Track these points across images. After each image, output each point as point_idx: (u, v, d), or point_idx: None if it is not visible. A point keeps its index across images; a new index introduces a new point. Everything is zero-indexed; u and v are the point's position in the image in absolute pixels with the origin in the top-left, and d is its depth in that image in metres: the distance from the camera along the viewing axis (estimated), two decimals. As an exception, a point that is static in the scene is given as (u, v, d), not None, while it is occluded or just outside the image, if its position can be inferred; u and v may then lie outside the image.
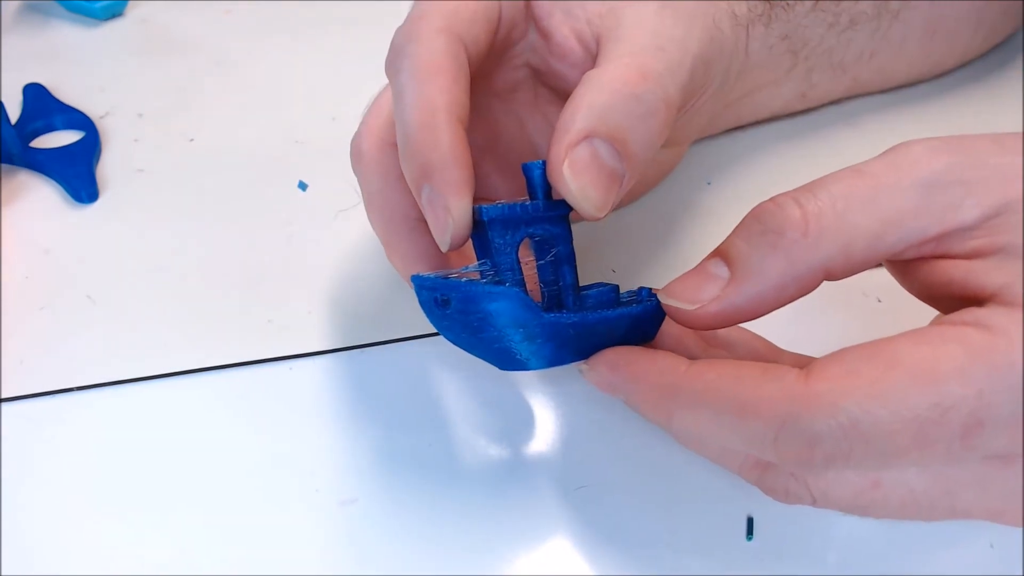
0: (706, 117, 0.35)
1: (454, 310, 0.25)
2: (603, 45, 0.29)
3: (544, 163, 0.27)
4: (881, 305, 0.33)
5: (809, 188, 0.24)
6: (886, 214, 0.23)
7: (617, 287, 0.27)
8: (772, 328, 0.33)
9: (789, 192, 0.24)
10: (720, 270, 0.25)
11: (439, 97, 0.26)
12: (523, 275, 0.26)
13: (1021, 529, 0.26)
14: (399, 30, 0.29)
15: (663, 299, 0.26)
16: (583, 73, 0.30)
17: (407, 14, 0.29)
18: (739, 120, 0.40)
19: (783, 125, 0.41)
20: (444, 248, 0.27)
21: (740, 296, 0.24)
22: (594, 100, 0.26)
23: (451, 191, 0.26)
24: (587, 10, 0.30)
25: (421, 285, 0.26)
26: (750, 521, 0.28)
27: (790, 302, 0.25)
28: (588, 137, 0.26)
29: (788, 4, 0.36)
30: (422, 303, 0.26)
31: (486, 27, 0.29)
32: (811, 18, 0.37)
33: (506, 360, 0.27)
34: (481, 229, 0.26)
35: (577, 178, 0.26)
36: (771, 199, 0.25)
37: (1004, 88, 0.43)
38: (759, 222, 0.24)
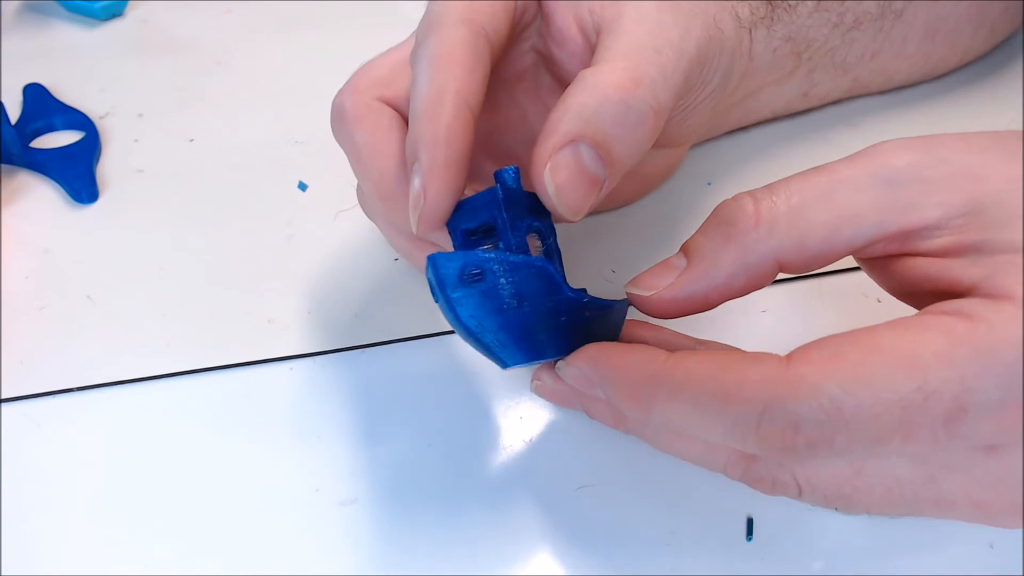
0: (705, 116, 0.35)
1: (488, 285, 0.25)
2: (601, 38, 0.29)
3: (515, 169, 0.27)
4: (881, 305, 0.33)
5: (770, 186, 0.25)
6: (842, 208, 0.24)
7: (585, 290, 0.28)
8: (771, 328, 0.33)
9: (751, 190, 0.25)
10: (680, 261, 0.26)
11: (451, 83, 0.26)
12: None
13: (1021, 530, 0.26)
14: (422, 22, 0.29)
15: (627, 289, 0.27)
16: (581, 63, 0.30)
17: (427, 7, 0.29)
18: (741, 121, 0.40)
19: (784, 126, 0.41)
20: (414, 228, 0.27)
21: (693, 283, 0.25)
22: (584, 102, 0.27)
23: (431, 172, 0.26)
24: (591, 0, 0.30)
25: (448, 260, 0.25)
26: (750, 521, 0.28)
27: (745, 292, 0.25)
28: (574, 141, 0.26)
29: (790, 5, 0.36)
30: (444, 280, 0.25)
31: (506, 17, 0.29)
32: (814, 18, 0.37)
33: (519, 347, 0.26)
34: (467, 218, 0.26)
35: (557, 182, 0.26)
36: (733, 196, 0.25)
37: (1004, 88, 0.43)
38: (716, 216, 0.25)
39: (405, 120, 0.29)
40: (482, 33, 0.28)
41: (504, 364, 0.27)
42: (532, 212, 0.27)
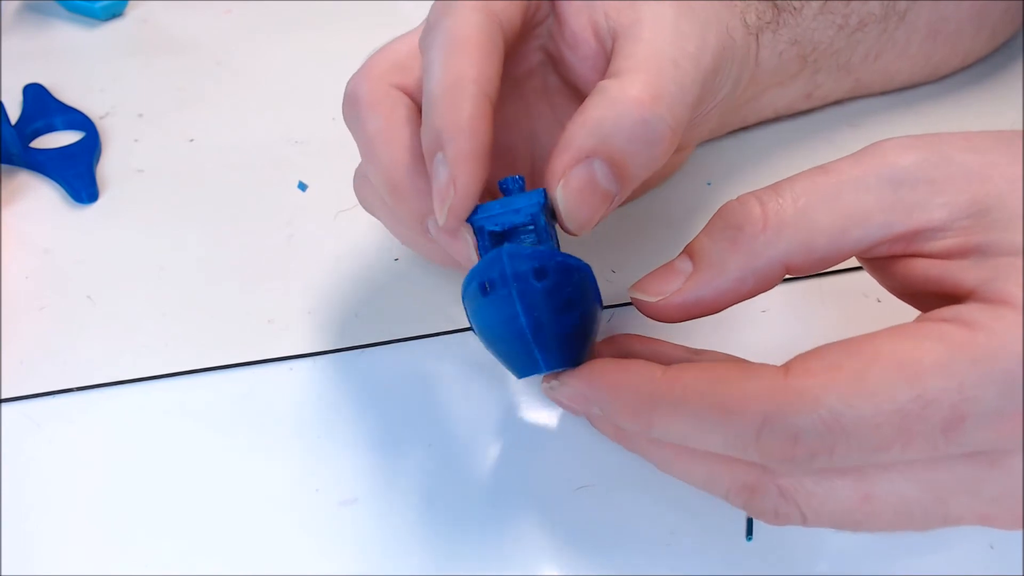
0: (713, 122, 0.35)
1: (551, 284, 0.25)
2: (618, 44, 0.29)
3: (522, 178, 0.27)
4: (881, 305, 0.33)
5: (775, 187, 0.25)
6: (849, 210, 0.24)
7: None
8: (771, 328, 0.33)
9: (755, 191, 0.25)
10: (685, 265, 0.26)
11: (469, 70, 0.26)
12: None
13: (1021, 530, 0.26)
14: (435, 6, 0.28)
15: (631, 293, 0.26)
16: (593, 67, 0.30)
17: None
18: (744, 122, 0.40)
19: (784, 126, 0.41)
20: (441, 221, 0.26)
21: (701, 288, 0.25)
22: (602, 117, 0.26)
23: (460, 162, 0.25)
24: (607, 3, 0.30)
25: (515, 254, 0.25)
26: (750, 521, 0.28)
27: (752, 295, 0.25)
28: (589, 157, 0.26)
29: (795, 7, 0.36)
30: (514, 274, 0.24)
31: (519, 10, 0.29)
32: (819, 20, 0.37)
33: (561, 351, 0.26)
34: (500, 220, 0.26)
35: (568, 198, 0.26)
36: (737, 198, 0.25)
37: (1004, 89, 0.43)
38: (722, 219, 0.25)
39: (419, 108, 0.29)
40: (496, 21, 0.27)
41: (539, 369, 0.26)
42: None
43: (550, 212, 0.27)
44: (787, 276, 0.25)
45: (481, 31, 0.27)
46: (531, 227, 0.27)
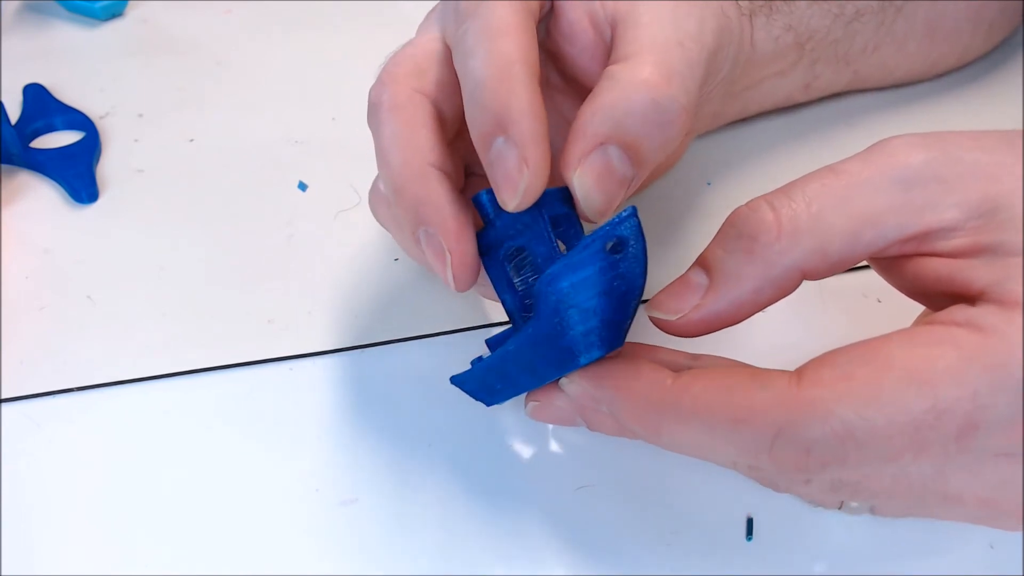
0: (714, 106, 0.35)
1: (631, 252, 0.24)
2: (619, 31, 0.28)
3: (490, 190, 0.26)
4: (881, 305, 0.33)
5: (785, 190, 0.24)
6: (862, 212, 0.23)
7: None
8: (772, 329, 0.33)
9: (765, 195, 0.25)
10: (700, 278, 0.25)
11: (516, 53, 0.26)
12: None
13: (1021, 531, 0.26)
14: (461, 2, 0.28)
15: (649, 312, 0.26)
16: (592, 58, 0.30)
17: None
18: (743, 112, 0.40)
19: (784, 125, 0.41)
20: (511, 206, 0.25)
21: (719, 303, 0.25)
22: (614, 102, 0.26)
23: (529, 142, 0.25)
24: None
25: (625, 214, 0.24)
26: (750, 521, 0.28)
27: (770, 304, 0.25)
28: (603, 144, 0.26)
29: None
30: (637, 229, 0.24)
31: (539, 4, 0.29)
32: (815, 8, 0.37)
33: (621, 330, 0.26)
34: (553, 207, 0.27)
35: (586, 185, 0.26)
36: (747, 203, 0.25)
37: (1004, 88, 0.43)
38: (734, 228, 0.25)
39: (439, 111, 0.29)
40: (529, 12, 0.27)
41: (614, 345, 0.25)
42: None
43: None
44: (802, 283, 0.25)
45: (520, 18, 0.26)
46: (573, 217, 0.27)
